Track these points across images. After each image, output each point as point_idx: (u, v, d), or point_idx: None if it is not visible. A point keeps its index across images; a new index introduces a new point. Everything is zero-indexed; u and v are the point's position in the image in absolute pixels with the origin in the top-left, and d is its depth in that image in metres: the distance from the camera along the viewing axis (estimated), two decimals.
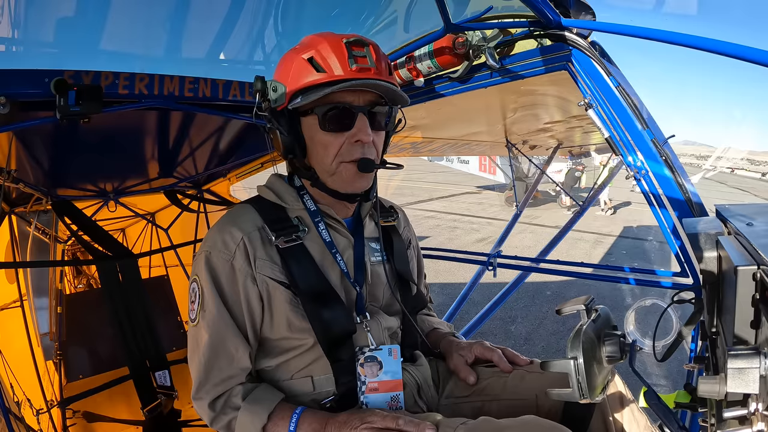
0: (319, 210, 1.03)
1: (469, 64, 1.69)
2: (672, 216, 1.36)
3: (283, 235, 0.98)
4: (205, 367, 0.95)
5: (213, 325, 0.95)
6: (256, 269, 0.96)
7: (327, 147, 0.96)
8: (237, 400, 0.94)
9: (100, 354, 2.67)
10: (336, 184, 0.99)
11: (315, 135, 0.96)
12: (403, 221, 1.27)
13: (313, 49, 0.94)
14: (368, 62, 0.93)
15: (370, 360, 0.99)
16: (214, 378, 0.95)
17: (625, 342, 0.86)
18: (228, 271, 0.95)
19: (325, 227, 1.02)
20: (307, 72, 0.93)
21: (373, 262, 1.10)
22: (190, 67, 1.66)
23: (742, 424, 0.66)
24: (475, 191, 17.34)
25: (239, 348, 0.95)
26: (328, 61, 0.92)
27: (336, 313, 0.98)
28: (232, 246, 0.96)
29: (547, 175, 4.23)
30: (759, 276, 0.71)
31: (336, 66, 0.91)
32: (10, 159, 1.77)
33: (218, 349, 0.95)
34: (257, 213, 1.01)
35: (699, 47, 1.04)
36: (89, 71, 1.36)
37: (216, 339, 0.95)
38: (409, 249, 1.25)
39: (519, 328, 4.87)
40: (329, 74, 0.91)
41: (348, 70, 0.91)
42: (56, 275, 3.08)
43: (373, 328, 1.03)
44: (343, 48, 0.92)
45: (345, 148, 0.96)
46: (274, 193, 1.05)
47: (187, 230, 3.10)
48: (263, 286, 0.96)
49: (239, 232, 0.97)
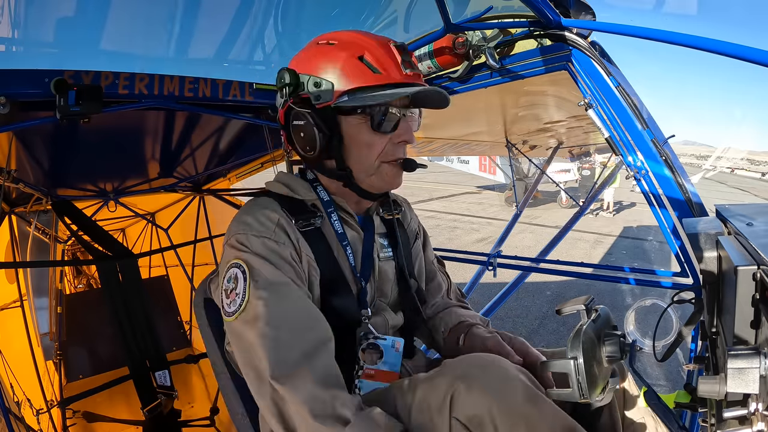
0: (332, 201, 1.03)
1: (469, 64, 1.69)
2: (672, 216, 1.36)
3: (302, 219, 0.97)
4: (277, 350, 0.79)
5: (272, 298, 0.83)
6: (300, 246, 0.93)
7: (372, 147, 0.95)
8: (345, 411, 0.75)
9: (100, 354, 2.68)
10: (374, 183, 0.99)
11: (358, 135, 0.95)
12: (408, 213, 1.26)
13: (363, 48, 0.92)
14: (414, 67, 0.95)
15: (372, 347, 1.00)
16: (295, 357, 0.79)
17: (625, 342, 0.86)
18: (274, 246, 0.89)
19: (338, 219, 1.02)
20: (361, 72, 0.91)
21: (382, 258, 1.09)
22: (190, 67, 1.65)
23: (742, 424, 0.65)
24: (475, 191, 17.34)
25: (315, 315, 0.85)
26: (383, 63, 0.92)
27: (345, 302, 0.98)
28: (271, 225, 0.92)
29: (547, 175, 4.23)
30: (759, 276, 0.71)
31: (392, 69, 0.92)
32: (10, 159, 1.77)
33: (290, 322, 0.82)
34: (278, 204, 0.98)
35: (699, 47, 1.04)
36: (89, 71, 1.36)
37: (280, 313, 0.82)
38: (416, 242, 1.24)
39: (519, 328, 4.87)
40: (386, 76, 0.91)
41: (403, 75, 0.92)
42: (56, 275, 3.09)
43: (379, 323, 1.03)
44: (394, 51, 0.93)
45: (388, 149, 0.96)
46: (285, 185, 1.03)
47: (187, 230, 3.10)
48: (306, 263, 0.94)
49: (274, 213, 0.93)
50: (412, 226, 1.25)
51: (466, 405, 0.73)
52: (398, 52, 0.94)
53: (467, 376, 0.76)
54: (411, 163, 0.99)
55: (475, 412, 0.72)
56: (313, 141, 0.94)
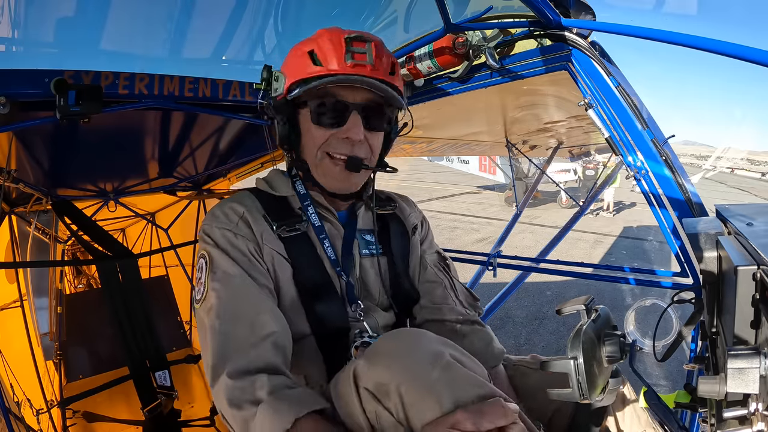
0: (308, 194, 1.03)
1: (469, 64, 1.69)
2: (672, 216, 1.36)
3: (286, 225, 0.98)
4: (220, 342, 0.82)
5: (223, 290, 0.86)
6: (263, 240, 0.94)
7: (315, 139, 0.96)
8: (261, 393, 0.75)
9: (100, 354, 2.67)
10: (321, 178, 0.99)
11: (308, 127, 0.97)
12: (407, 206, 1.23)
13: (314, 42, 0.95)
14: (366, 59, 0.92)
15: (365, 346, 0.98)
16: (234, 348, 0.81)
17: (625, 342, 0.86)
18: (232, 239, 0.92)
19: (315, 212, 1.02)
20: (305, 64, 0.93)
21: (363, 255, 1.07)
22: (190, 67, 1.66)
23: (742, 424, 0.66)
24: (475, 191, 17.34)
25: (261, 309, 0.85)
26: (326, 54, 0.92)
27: (331, 308, 0.97)
28: (235, 217, 0.95)
29: (547, 175, 4.22)
30: (759, 276, 0.71)
31: (332, 60, 0.92)
32: (10, 159, 1.77)
33: (235, 314, 0.83)
34: (257, 200, 1.01)
35: (699, 47, 1.04)
36: (89, 71, 1.36)
37: (229, 305, 0.84)
38: (414, 235, 1.19)
39: (519, 328, 4.87)
40: (325, 68, 0.92)
41: (343, 65, 0.91)
42: (56, 275, 3.09)
43: (370, 325, 1.01)
44: (342, 42, 0.92)
45: (332, 142, 0.96)
46: (268, 183, 1.07)
47: (187, 230, 3.10)
48: (269, 258, 0.94)
49: (240, 206, 0.97)
50: (412, 219, 1.21)
51: (372, 374, 0.69)
52: (349, 43, 0.92)
53: (378, 346, 0.73)
54: (355, 161, 0.96)
55: (381, 380, 0.68)
56: (275, 131, 1.00)
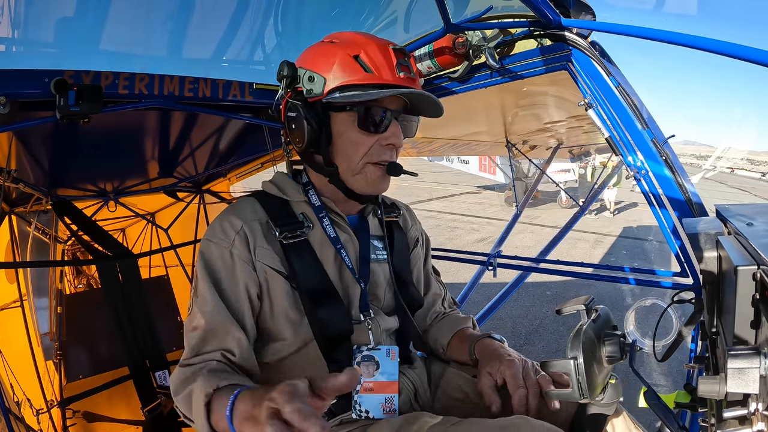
0: (323, 205, 1.03)
1: (469, 64, 1.69)
2: (672, 216, 1.36)
3: (288, 230, 0.98)
4: (191, 349, 0.92)
5: (203, 310, 0.92)
6: (256, 257, 0.96)
7: (358, 146, 0.96)
8: (203, 371, 0.85)
9: (100, 354, 2.67)
10: (358, 183, 0.99)
11: (346, 132, 0.96)
12: (409, 219, 1.26)
13: (360, 48, 0.94)
14: (410, 72, 0.97)
15: (367, 359, 0.98)
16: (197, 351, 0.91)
17: (625, 342, 0.86)
18: (227, 258, 0.94)
19: (330, 223, 1.02)
20: (353, 69, 0.93)
21: (374, 260, 1.09)
22: (190, 67, 1.65)
23: (742, 424, 0.65)
24: (475, 191, 17.32)
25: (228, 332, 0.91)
26: (376, 63, 0.93)
27: (334, 313, 0.97)
28: (232, 233, 0.96)
29: (547, 175, 4.23)
30: (759, 276, 0.71)
31: (384, 70, 0.93)
32: (10, 159, 1.77)
33: (207, 333, 0.91)
34: (260, 206, 1.01)
35: (699, 47, 1.04)
36: (89, 71, 1.36)
37: (206, 324, 0.91)
38: (415, 248, 1.23)
39: (519, 328, 4.87)
40: (377, 76, 0.93)
41: (396, 77, 0.94)
42: (56, 275, 3.08)
43: (374, 327, 1.02)
44: (390, 53, 0.95)
45: (374, 150, 0.97)
46: (277, 186, 1.06)
47: (187, 230, 3.10)
48: (262, 274, 0.96)
49: (239, 220, 0.97)
50: (413, 232, 1.24)
51: None
52: (396, 54, 0.95)
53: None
54: (396, 167, 0.99)
55: None
56: (302, 133, 0.96)
